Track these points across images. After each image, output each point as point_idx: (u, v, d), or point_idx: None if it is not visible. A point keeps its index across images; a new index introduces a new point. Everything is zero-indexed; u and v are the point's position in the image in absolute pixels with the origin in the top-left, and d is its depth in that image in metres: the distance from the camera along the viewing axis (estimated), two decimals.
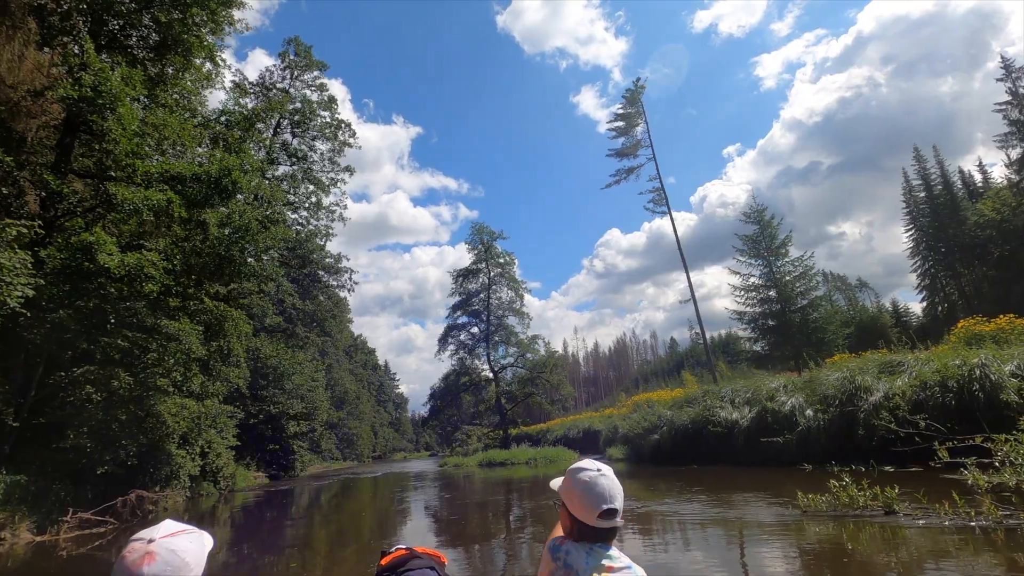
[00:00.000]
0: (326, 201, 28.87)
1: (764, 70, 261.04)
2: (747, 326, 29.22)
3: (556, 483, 1.70)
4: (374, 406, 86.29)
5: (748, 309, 28.80)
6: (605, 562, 1.51)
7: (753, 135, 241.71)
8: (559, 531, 1.71)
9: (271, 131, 27.55)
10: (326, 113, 29.06)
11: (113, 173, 13.10)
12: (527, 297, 42.43)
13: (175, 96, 15.91)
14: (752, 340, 29.21)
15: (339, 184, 29.26)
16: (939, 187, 58.08)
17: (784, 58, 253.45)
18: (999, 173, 58.66)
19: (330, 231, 28.55)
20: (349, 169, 29.41)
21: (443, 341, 41.32)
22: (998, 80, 50.12)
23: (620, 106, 50.19)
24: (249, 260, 16.27)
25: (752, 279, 28.68)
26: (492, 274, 40.87)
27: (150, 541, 1.17)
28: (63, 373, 13.57)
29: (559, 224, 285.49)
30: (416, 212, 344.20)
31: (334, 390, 56.17)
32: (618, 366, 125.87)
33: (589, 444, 29.60)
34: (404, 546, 1.79)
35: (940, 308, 56.96)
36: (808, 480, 10.75)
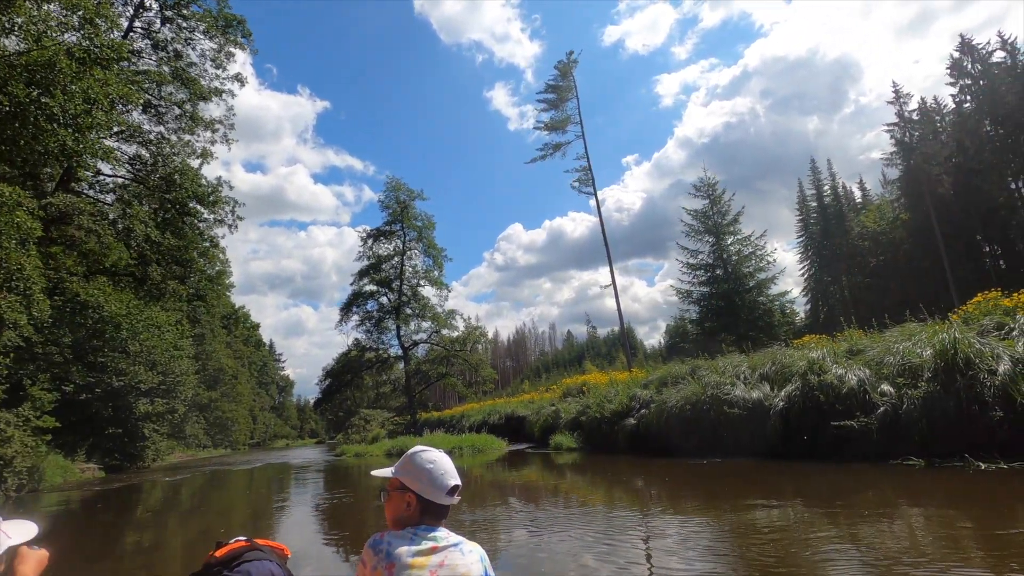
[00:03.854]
0: (208, 114, 21.77)
1: (664, 89, 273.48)
2: (690, 307, 26.45)
3: (382, 472, 1.64)
4: (254, 388, 75.82)
5: (694, 288, 25.97)
6: (429, 544, 1.46)
7: (650, 148, 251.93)
8: None
9: (130, 7, 19.94)
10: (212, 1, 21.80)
11: None
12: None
13: None
14: (697, 323, 26.40)
15: (225, 96, 22.22)
16: (829, 198, 60.80)
17: (682, 80, 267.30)
18: (861, 193, 63.01)
19: (209, 153, 21.47)
20: (240, 79, 22.41)
21: (346, 310, 34.70)
22: (888, 102, 52.70)
23: (552, 78, 46.65)
24: (60, 130, 9.73)
25: (700, 256, 25.87)
26: (408, 238, 34.95)
27: None
28: None
29: (464, 215, 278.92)
30: (316, 189, 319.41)
31: (206, 365, 46.90)
32: (516, 356, 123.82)
33: (517, 431, 25.12)
34: (244, 537, 1.59)
35: (822, 311, 59.56)
36: (939, 481, 7.01)
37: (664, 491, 9.60)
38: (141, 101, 17.19)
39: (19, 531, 1.22)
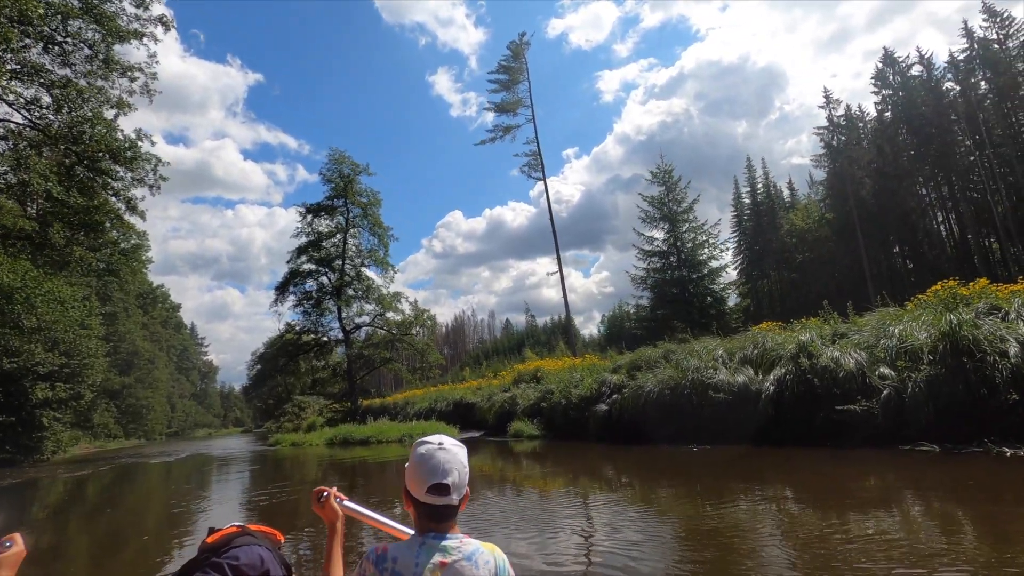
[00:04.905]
0: (126, 59, 18.88)
1: (605, 85, 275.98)
2: (643, 294, 26.21)
3: None
4: (173, 373, 70.11)
5: (649, 275, 25.70)
6: (438, 557, 1.28)
7: (590, 142, 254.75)
8: None
9: None
10: None
11: None
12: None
13: None
14: (650, 308, 26.18)
15: (147, 41, 19.37)
16: (762, 195, 63.25)
17: (622, 77, 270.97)
18: (790, 193, 66.35)
19: (126, 104, 18.65)
20: (165, 21, 19.61)
21: (282, 290, 31.91)
22: (819, 107, 55.18)
23: (504, 58, 45.43)
24: None
25: (656, 243, 25.60)
26: (351, 214, 32.58)
27: None
28: None
29: (403, 200, 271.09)
30: (246, 166, 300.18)
31: (118, 347, 42.32)
32: (455, 344, 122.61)
33: (465, 418, 24.00)
34: (237, 523, 1.56)
35: (751, 304, 62.12)
36: (964, 469, 6.52)
37: (651, 481, 8.82)
38: (39, 11, 14.36)
39: None
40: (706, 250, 25.10)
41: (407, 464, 1.40)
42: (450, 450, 1.36)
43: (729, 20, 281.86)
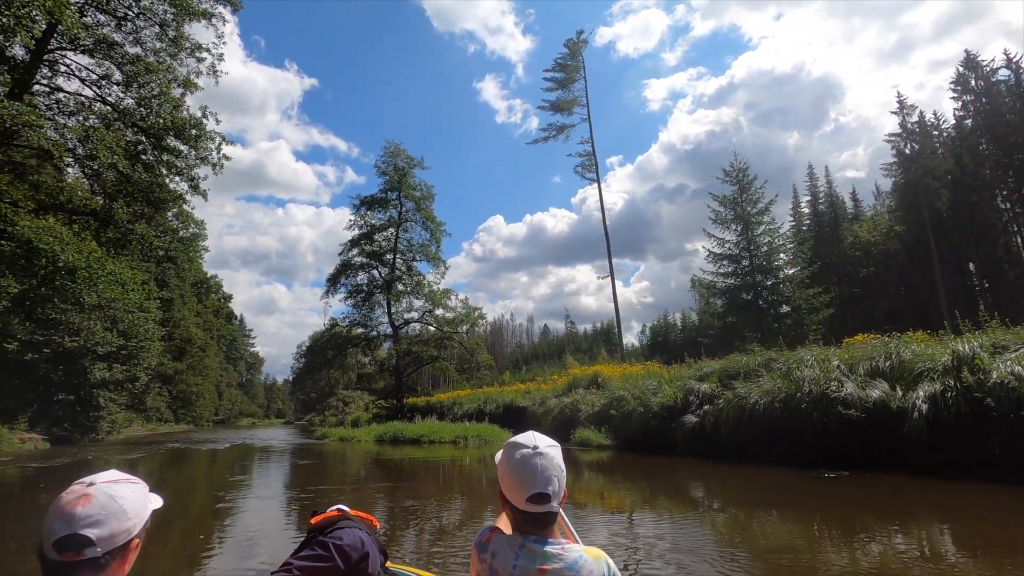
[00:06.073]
0: (198, 37, 18.52)
1: (652, 93, 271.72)
2: (713, 299, 24.31)
3: (500, 456, 1.40)
4: (222, 362, 71.42)
5: (718, 280, 23.81)
6: (537, 563, 1.20)
7: (634, 151, 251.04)
8: (503, 519, 1.43)
9: None
10: None
11: None
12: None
13: None
14: (720, 316, 24.26)
15: (215, 20, 18.96)
16: (824, 205, 59.78)
17: (669, 86, 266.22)
18: (853, 204, 62.36)
19: (193, 84, 18.25)
20: (233, 1, 19.20)
21: (333, 281, 31.43)
22: (892, 112, 51.73)
23: (560, 56, 44.33)
24: None
25: (727, 245, 23.69)
26: (405, 208, 31.87)
27: (90, 484, 1.06)
28: None
29: (446, 203, 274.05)
30: (298, 167, 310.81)
31: (172, 333, 42.92)
32: (492, 347, 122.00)
33: (515, 422, 22.66)
34: (337, 507, 1.63)
35: (834, 314, 58.37)
36: None
37: (785, 510, 7.24)
38: None
39: (155, 497, 1.21)
40: (782, 255, 23.07)
41: (499, 463, 1.33)
42: (546, 454, 1.26)
43: (783, 29, 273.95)
